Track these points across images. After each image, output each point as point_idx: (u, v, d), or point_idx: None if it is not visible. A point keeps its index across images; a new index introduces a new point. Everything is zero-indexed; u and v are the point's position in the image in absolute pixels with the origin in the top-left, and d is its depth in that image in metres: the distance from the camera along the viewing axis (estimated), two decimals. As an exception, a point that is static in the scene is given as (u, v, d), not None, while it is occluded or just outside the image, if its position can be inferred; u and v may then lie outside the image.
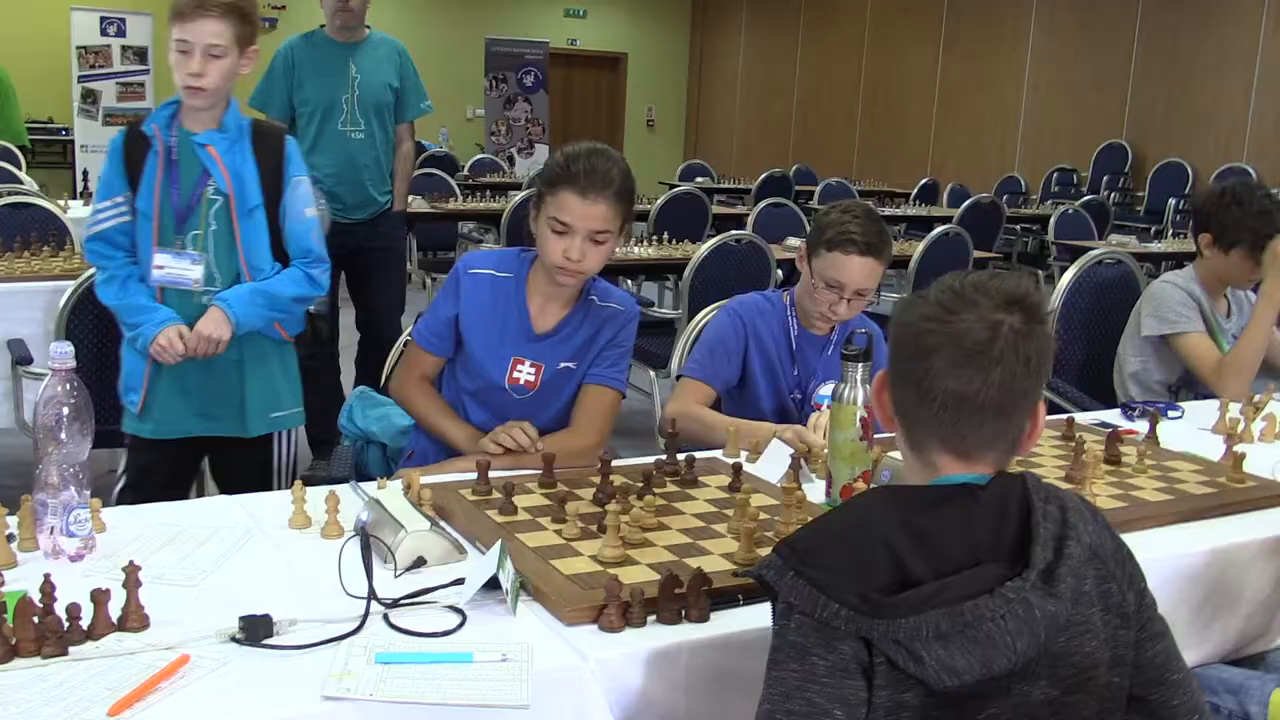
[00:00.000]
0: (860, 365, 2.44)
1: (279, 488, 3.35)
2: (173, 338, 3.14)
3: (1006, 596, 1.50)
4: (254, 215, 3.20)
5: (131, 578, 1.79)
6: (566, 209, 2.68)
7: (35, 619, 1.69)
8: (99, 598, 1.76)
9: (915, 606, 1.48)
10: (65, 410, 2.02)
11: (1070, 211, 10.26)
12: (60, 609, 1.72)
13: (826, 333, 3.29)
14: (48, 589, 1.72)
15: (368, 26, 5.67)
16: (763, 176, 12.98)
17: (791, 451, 2.69)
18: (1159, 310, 4.01)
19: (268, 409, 3.34)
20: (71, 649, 1.70)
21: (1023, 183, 14.18)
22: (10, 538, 2.08)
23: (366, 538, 2.03)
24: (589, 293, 2.89)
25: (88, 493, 2.08)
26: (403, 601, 1.91)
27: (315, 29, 5.66)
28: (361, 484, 2.47)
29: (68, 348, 2.02)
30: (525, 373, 2.84)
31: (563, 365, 2.86)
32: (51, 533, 2.05)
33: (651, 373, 5.59)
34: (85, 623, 1.74)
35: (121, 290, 3.21)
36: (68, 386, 2.02)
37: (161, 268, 3.19)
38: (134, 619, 1.78)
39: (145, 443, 3.30)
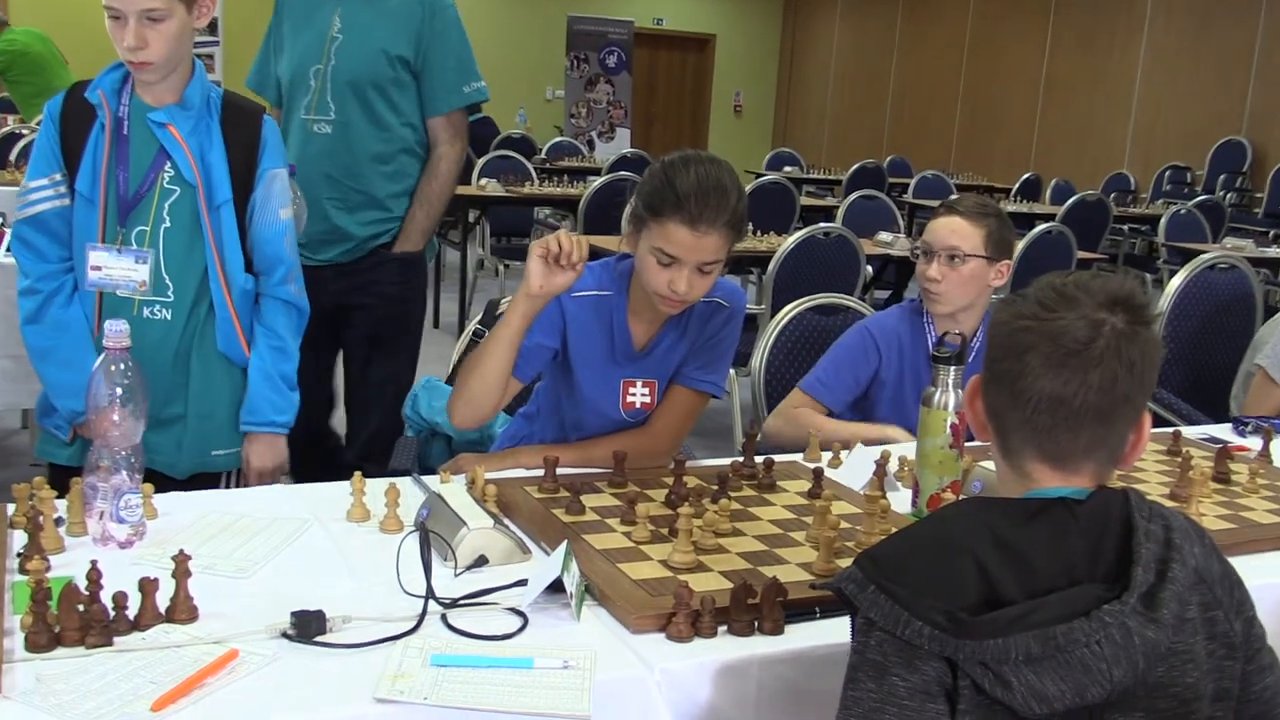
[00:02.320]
0: (952, 368, 2.41)
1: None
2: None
3: (1103, 620, 1.48)
4: (222, 212, 2.87)
5: (181, 567, 1.80)
6: (674, 241, 2.50)
7: (80, 607, 1.71)
8: (147, 587, 1.77)
9: (1004, 627, 1.46)
10: (119, 390, 2.04)
11: (1182, 212, 10.09)
12: (106, 597, 1.73)
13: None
14: (94, 576, 1.73)
15: None
16: (854, 167, 12.91)
17: (877, 457, 2.66)
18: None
19: (208, 444, 2.96)
20: (116, 639, 1.72)
21: (1132, 180, 13.99)
22: (59, 521, 2.10)
23: (426, 533, 2.03)
24: None
25: (139, 477, 2.10)
26: (462, 602, 1.91)
27: None
28: (423, 477, 2.48)
29: (122, 325, 2.04)
30: (639, 395, 2.77)
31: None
32: (101, 518, 2.07)
33: (731, 371, 5.57)
34: (132, 613, 1.76)
35: (48, 327, 2.79)
36: (121, 366, 2.04)
37: (99, 268, 2.82)
38: (182, 610, 1.79)
39: (63, 472, 2.81)
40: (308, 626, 1.76)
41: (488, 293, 9.15)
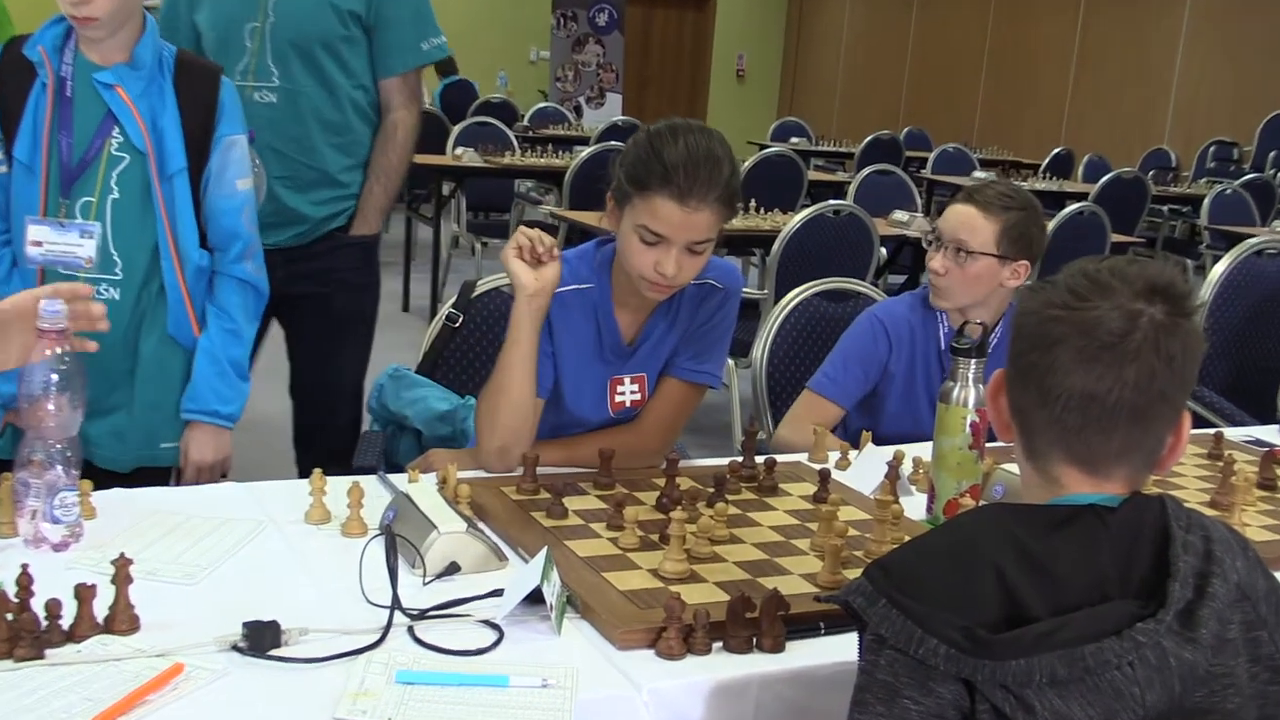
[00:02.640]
0: (972, 361, 2.42)
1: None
2: None
3: (1136, 640, 1.48)
4: (175, 182, 2.84)
5: (121, 573, 1.79)
6: (661, 218, 2.50)
7: (9, 616, 1.71)
8: (83, 594, 1.77)
9: (1028, 646, 1.46)
10: (55, 377, 2.03)
11: (1228, 192, 10.11)
12: (38, 605, 1.73)
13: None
14: (25, 582, 1.73)
15: None
16: (868, 139, 12.93)
17: (889, 458, 2.67)
18: None
19: (155, 436, 2.95)
20: (49, 652, 1.71)
21: (1173, 157, 14.01)
22: (-13, 521, 2.10)
23: (393, 538, 2.03)
24: None
25: (77, 473, 2.09)
26: (431, 613, 1.91)
27: None
28: (390, 476, 2.48)
29: (59, 306, 2.03)
30: (628, 393, 2.77)
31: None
32: (33, 517, 2.06)
33: (731, 362, 5.57)
34: (66, 623, 1.75)
35: None
36: (57, 351, 2.03)
37: (39, 244, 2.78)
38: (122, 621, 1.79)
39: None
40: (261, 639, 1.76)
41: (463, 273, 9.14)
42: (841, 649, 1.86)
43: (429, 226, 9.19)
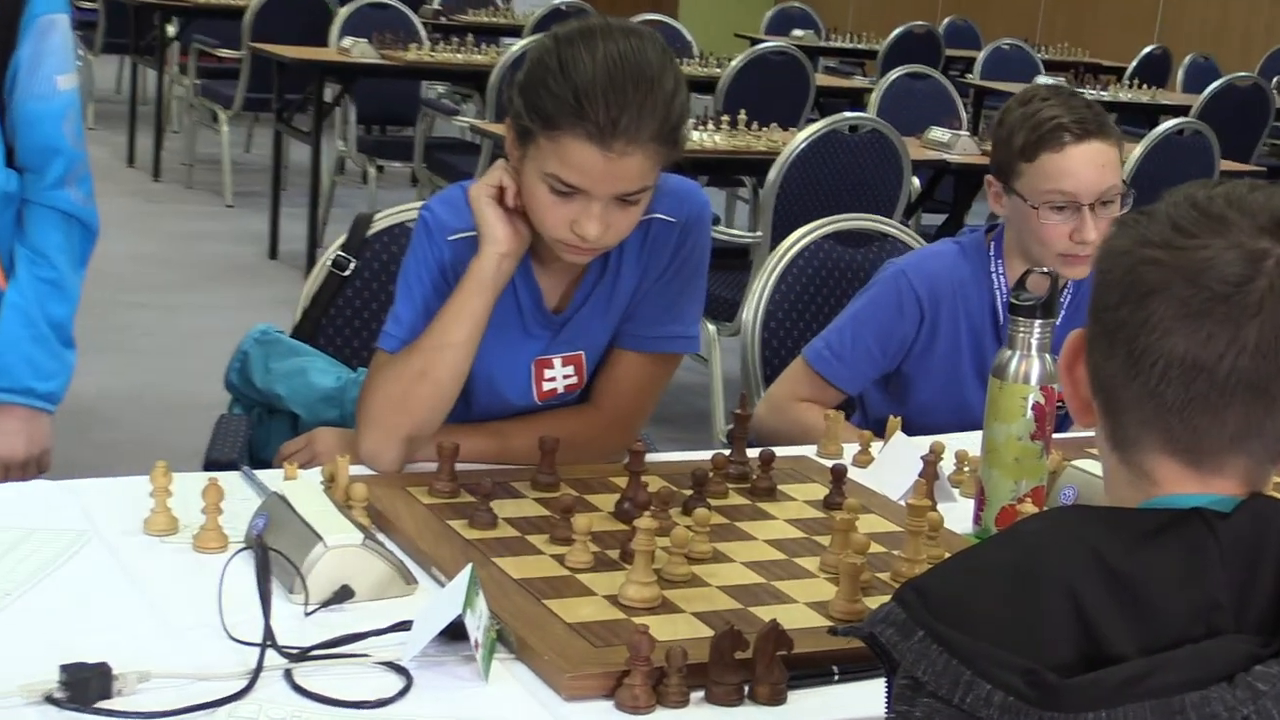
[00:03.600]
0: (1036, 323, 2.43)
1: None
2: None
3: (1255, 688, 1.48)
4: None
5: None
6: (575, 165, 2.47)
7: None
8: None
9: (1111, 694, 1.46)
10: None
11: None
12: None
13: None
14: None
15: None
16: (896, 33, 12.90)
17: (924, 453, 2.68)
18: None
19: None
20: None
21: (1305, 59, 14.07)
22: None
23: (265, 554, 2.04)
24: None
25: None
26: (315, 652, 1.91)
27: None
28: (258, 472, 2.49)
29: None
30: (560, 376, 2.79)
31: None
32: None
33: (712, 327, 5.58)
34: None
35: None
36: None
37: None
38: (-102, 660, 1.79)
39: None
40: (85, 687, 1.76)
41: (351, 207, 9.11)
42: (860, 700, 1.88)
43: (306, 144, 9.14)
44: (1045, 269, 2.53)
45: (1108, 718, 1.45)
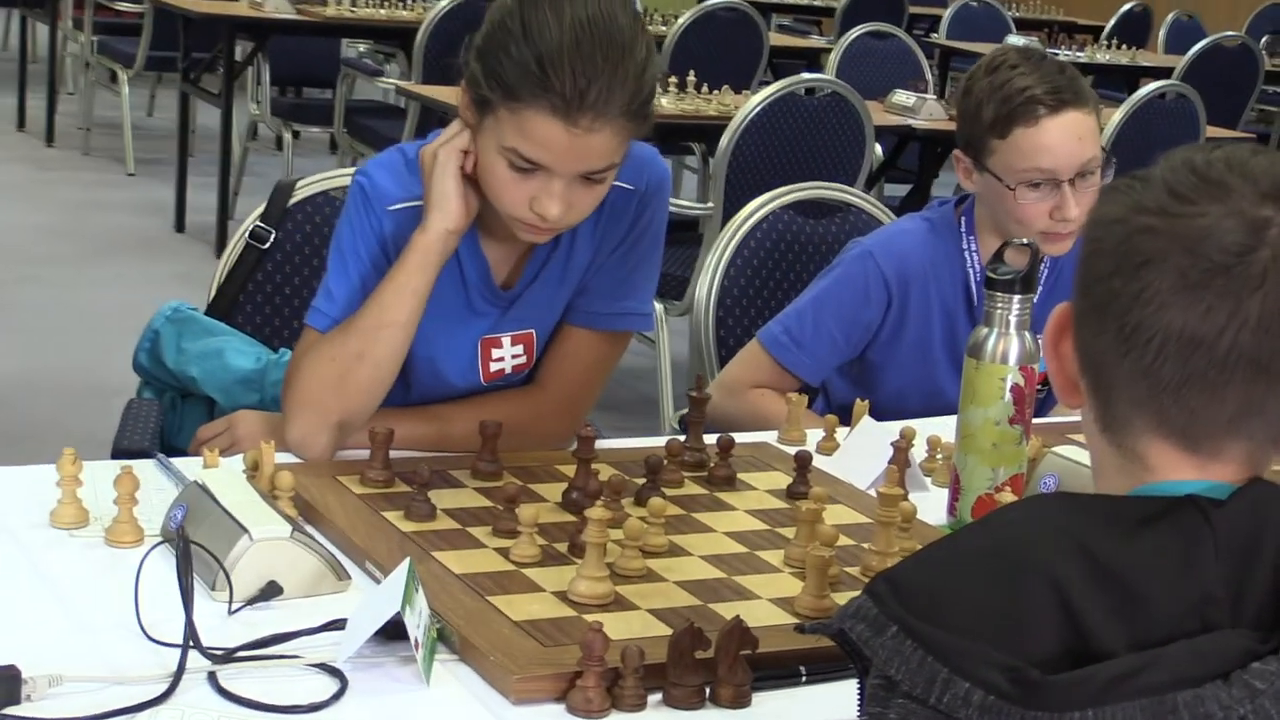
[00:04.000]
0: (1015, 299, 2.44)
1: None
2: None
3: (1252, 686, 1.48)
4: None
5: None
6: (538, 141, 2.45)
7: None
8: None
9: (1099, 693, 1.46)
10: None
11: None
12: None
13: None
14: None
15: None
16: (856, -12, 12.93)
17: (894, 438, 2.70)
18: None
19: None
20: None
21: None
22: None
23: (187, 546, 2.03)
24: None
25: None
26: (242, 653, 1.91)
27: None
28: (175, 460, 2.48)
29: None
30: (509, 356, 2.79)
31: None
32: None
33: (659, 307, 5.57)
34: None
35: None
36: None
37: None
38: None
39: None
40: (-9, 692, 1.76)
41: (265, 176, 9.08)
42: (829, 702, 1.89)
43: (215, 107, 9.08)
44: (1024, 240, 2.54)
45: (1095, 717, 1.45)
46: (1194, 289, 1.54)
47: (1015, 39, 10.79)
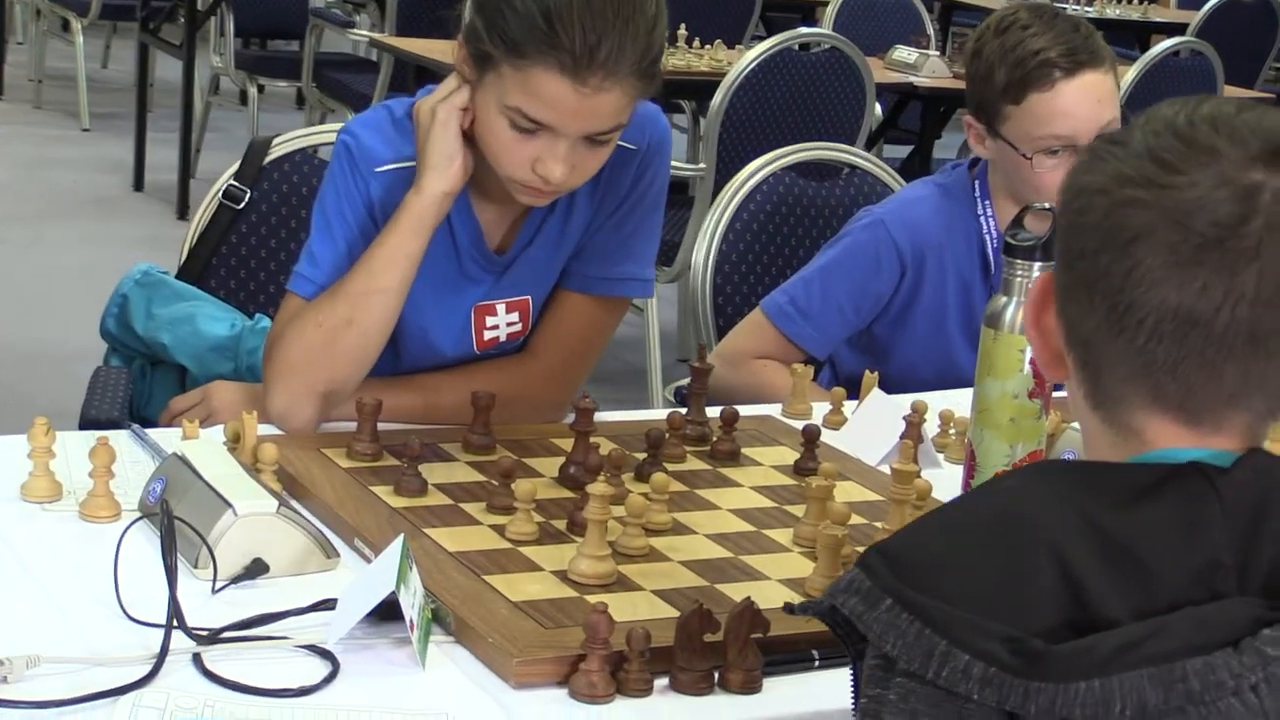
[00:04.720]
0: (1036, 265, 2.44)
1: None
2: None
3: (1263, 653, 1.49)
4: None
5: None
6: (544, 100, 2.45)
7: None
8: None
9: (1104, 662, 1.46)
10: None
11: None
12: None
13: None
14: None
15: None
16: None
17: (906, 412, 2.71)
18: None
19: None
20: None
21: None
22: None
23: (170, 523, 2.02)
24: None
25: None
26: (228, 634, 1.92)
27: None
28: (151, 431, 2.48)
29: None
30: (504, 323, 2.79)
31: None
32: None
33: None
34: None
35: None
36: None
37: None
38: None
39: None
40: (-35, 675, 1.76)
41: (229, 132, 9.07)
42: (843, 688, 1.84)
43: (176, 59, 9.04)
44: (1045, 204, 2.54)
45: (1101, 687, 1.45)
46: (1187, 265, 1.53)
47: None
